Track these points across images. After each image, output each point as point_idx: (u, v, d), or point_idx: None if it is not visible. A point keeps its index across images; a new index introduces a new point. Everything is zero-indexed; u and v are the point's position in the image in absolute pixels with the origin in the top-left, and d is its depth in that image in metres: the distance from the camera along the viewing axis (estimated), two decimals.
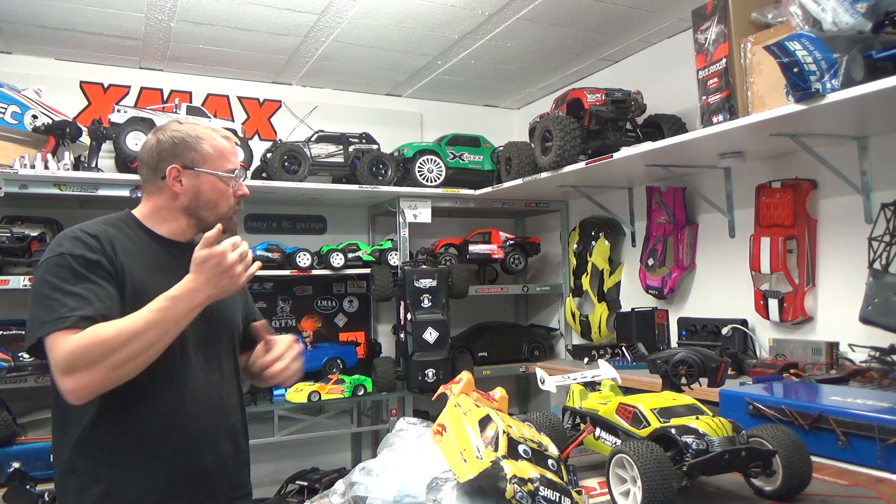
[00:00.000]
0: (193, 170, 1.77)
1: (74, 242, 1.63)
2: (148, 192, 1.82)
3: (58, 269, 1.58)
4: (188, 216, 1.83)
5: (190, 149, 1.78)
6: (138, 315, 1.55)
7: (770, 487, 1.36)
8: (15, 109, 3.32)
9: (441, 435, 1.31)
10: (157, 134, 1.80)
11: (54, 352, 1.50)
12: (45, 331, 1.51)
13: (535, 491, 1.09)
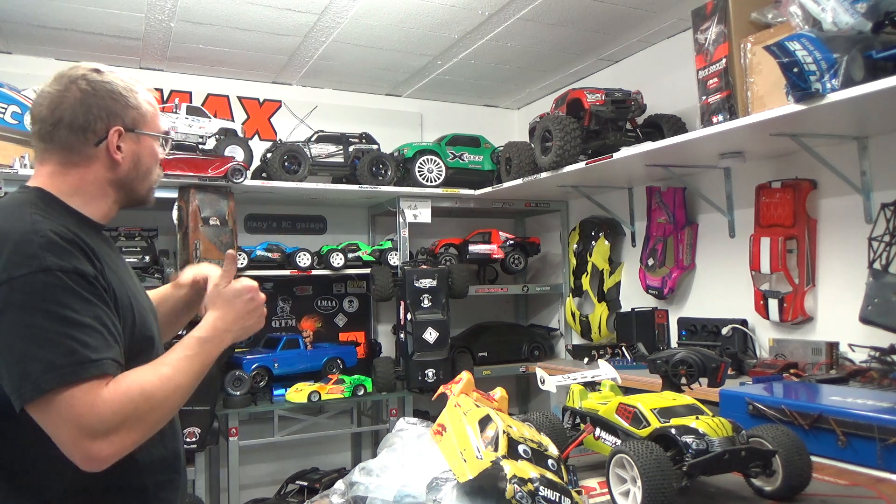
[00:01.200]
0: (135, 132, 1.41)
1: (55, 249, 1.19)
2: (66, 161, 1.35)
3: (55, 289, 1.16)
4: (118, 191, 1.43)
5: (129, 105, 1.41)
6: (169, 360, 1.28)
7: (770, 487, 1.36)
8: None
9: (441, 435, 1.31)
10: (78, 83, 1.37)
11: (79, 408, 1.12)
12: (64, 380, 1.12)
13: (535, 491, 1.09)
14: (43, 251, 1.17)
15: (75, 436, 1.13)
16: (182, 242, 3.48)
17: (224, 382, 3.53)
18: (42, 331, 1.13)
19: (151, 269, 3.47)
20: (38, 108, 1.35)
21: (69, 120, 1.33)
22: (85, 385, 1.13)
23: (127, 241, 3.52)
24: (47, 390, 1.11)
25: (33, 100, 1.38)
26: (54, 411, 1.12)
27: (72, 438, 1.13)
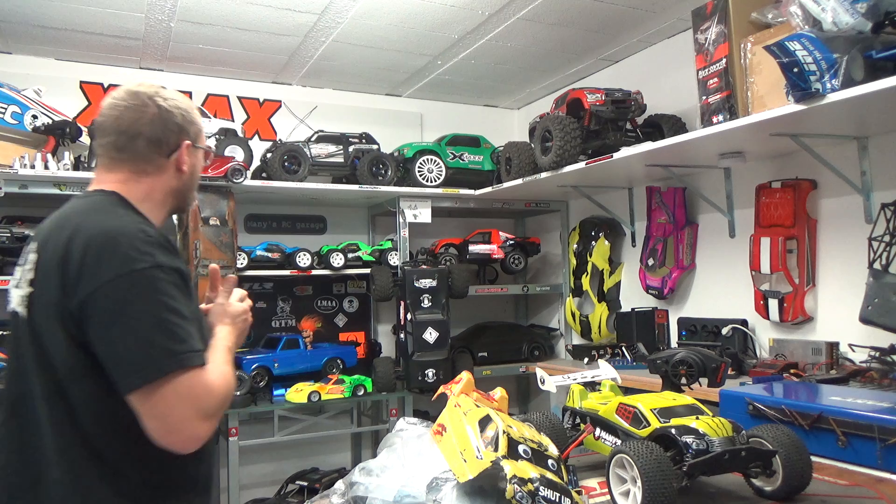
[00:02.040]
0: (195, 146, 1.54)
1: (160, 250, 1.31)
2: (139, 170, 1.46)
3: (166, 284, 1.28)
4: (174, 199, 1.54)
5: (191, 122, 1.53)
6: (222, 360, 1.42)
7: (770, 487, 1.36)
8: (15, 109, 3.32)
9: (441, 435, 1.31)
10: (154, 99, 1.47)
11: (197, 390, 1.26)
12: (183, 363, 1.25)
13: (535, 491, 1.09)
14: (154, 248, 1.30)
15: (190, 416, 1.25)
16: (182, 242, 3.48)
17: None
18: (160, 321, 1.25)
19: None
20: (116, 122, 1.46)
21: (148, 134, 1.46)
22: (197, 371, 1.27)
23: None
24: (168, 372, 1.23)
25: (105, 113, 1.49)
26: (172, 393, 1.23)
27: (185, 418, 1.25)
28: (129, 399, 1.25)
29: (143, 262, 1.27)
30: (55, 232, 1.35)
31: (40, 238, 1.38)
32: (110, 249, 1.27)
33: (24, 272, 1.38)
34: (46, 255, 1.33)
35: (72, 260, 1.27)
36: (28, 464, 1.32)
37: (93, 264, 1.26)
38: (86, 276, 1.26)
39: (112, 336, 1.24)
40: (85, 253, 1.27)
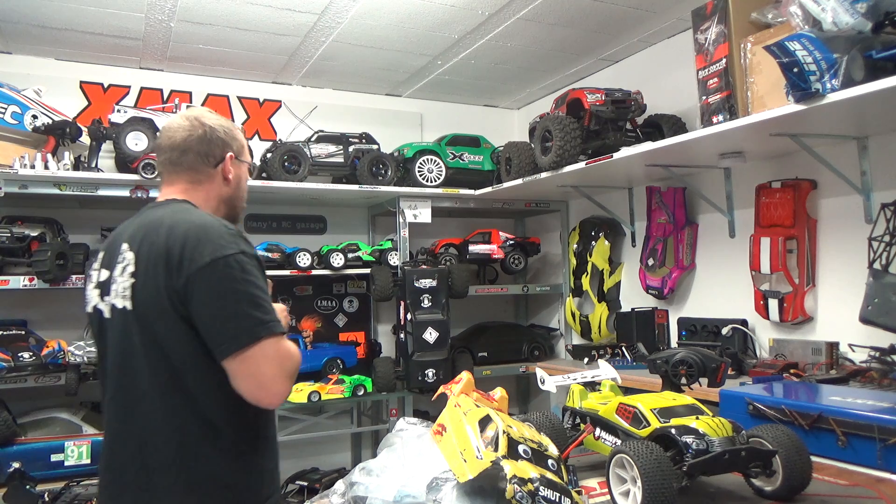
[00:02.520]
0: (238, 159, 1.80)
1: (242, 240, 1.57)
2: (195, 182, 1.74)
3: (252, 268, 1.53)
4: (226, 206, 1.80)
5: (234, 138, 1.80)
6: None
7: (770, 487, 1.36)
8: (15, 109, 3.32)
9: (441, 435, 1.31)
10: (204, 119, 1.75)
11: (279, 353, 1.50)
12: (271, 330, 1.49)
13: (535, 491, 1.09)
14: (237, 239, 1.56)
15: (276, 374, 1.48)
16: None
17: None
18: (249, 295, 1.50)
19: None
20: (170, 141, 1.73)
21: (196, 148, 1.73)
22: (279, 338, 1.51)
23: None
24: (260, 338, 1.47)
25: (162, 135, 1.76)
26: (262, 355, 1.47)
27: (273, 377, 1.48)
28: (225, 363, 1.47)
29: (231, 248, 1.52)
30: (149, 232, 1.59)
31: (128, 238, 1.62)
32: (205, 239, 1.53)
33: (122, 268, 1.59)
34: (145, 249, 1.56)
35: (174, 249, 1.52)
36: (133, 432, 1.54)
37: (192, 250, 1.51)
38: (187, 260, 1.50)
39: (212, 309, 1.49)
40: (185, 242, 1.52)
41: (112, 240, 1.70)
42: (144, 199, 3.45)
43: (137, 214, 1.71)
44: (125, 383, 1.57)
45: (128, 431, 1.56)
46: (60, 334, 3.44)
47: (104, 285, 1.64)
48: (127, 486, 1.54)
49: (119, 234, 1.69)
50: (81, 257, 3.42)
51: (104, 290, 1.63)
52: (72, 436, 3.25)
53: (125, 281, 1.57)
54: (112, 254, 1.64)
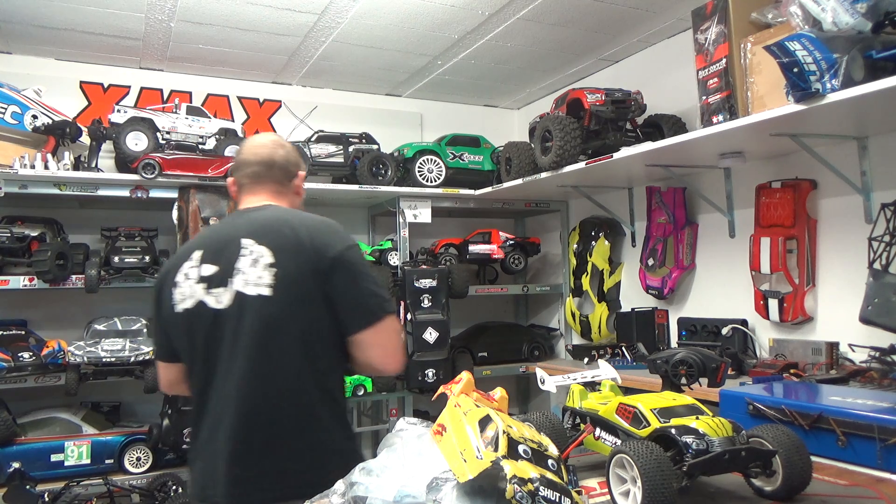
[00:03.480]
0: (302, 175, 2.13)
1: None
2: (279, 192, 2.02)
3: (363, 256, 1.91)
4: None
5: (301, 160, 2.15)
6: None
7: (770, 487, 1.36)
8: (15, 109, 3.32)
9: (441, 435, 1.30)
10: (282, 142, 2.08)
11: (397, 327, 1.91)
12: (392, 307, 1.86)
13: (535, 491, 1.09)
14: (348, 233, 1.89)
15: (398, 345, 1.88)
16: (182, 242, 3.48)
17: None
18: (374, 279, 1.85)
19: (151, 269, 3.47)
20: (256, 157, 2.00)
21: (282, 165, 2.02)
22: (395, 316, 1.84)
23: (127, 241, 3.51)
24: (389, 313, 1.82)
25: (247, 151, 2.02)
26: (389, 328, 1.83)
27: (396, 347, 1.87)
28: (360, 334, 1.79)
29: (351, 240, 1.86)
30: (272, 229, 1.83)
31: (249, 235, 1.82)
32: (332, 231, 1.86)
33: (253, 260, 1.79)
34: (279, 243, 1.80)
35: (313, 239, 1.80)
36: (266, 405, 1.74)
37: (328, 238, 1.82)
38: (327, 246, 1.80)
39: (353, 288, 1.80)
40: (316, 234, 1.82)
41: (216, 238, 1.88)
42: (144, 198, 3.45)
43: (236, 216, 1.95)
44: (260, 361, 1.75)
45: (260, 405, 1.74)
46: (60, 334, 3.45)
47: (212, 279, 1.80)
48: (253, 453, 1.71)
49: (227, 232, 1.88)
50: (81, 257, 3.42)
51: (212, 283, 1.80)
52: (72, 436, 3.26)
53: (260, 271, 1.78)
54: (222, 250, 1.83)
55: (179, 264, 1.88)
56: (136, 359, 3.27)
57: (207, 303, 1.79)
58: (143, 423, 3.48)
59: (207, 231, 2.05)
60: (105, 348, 3.23)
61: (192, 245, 1.93)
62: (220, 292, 1.79)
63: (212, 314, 1.78)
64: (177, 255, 1.95)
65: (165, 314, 1.87)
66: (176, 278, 1.86)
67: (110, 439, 3.32)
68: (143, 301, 3.87)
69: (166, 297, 1.87)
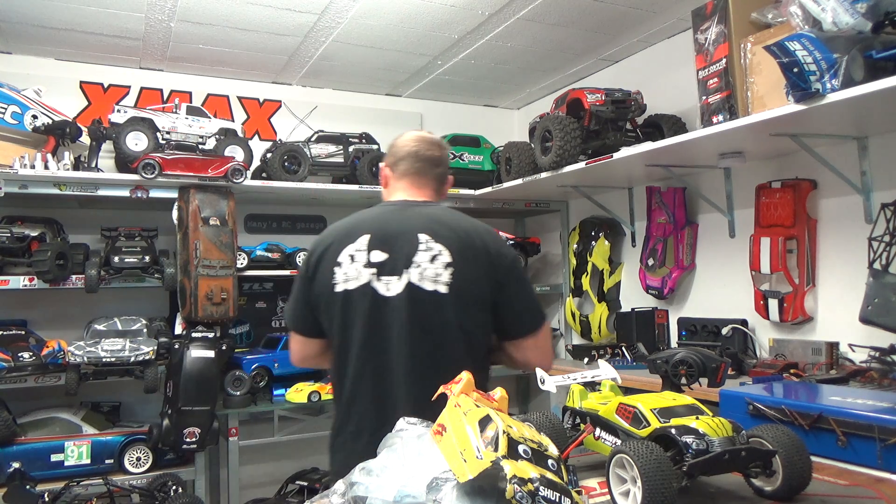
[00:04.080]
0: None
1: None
2: (437, 190, 2.12)
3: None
4: None
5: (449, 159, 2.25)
6: None
7: (770, 487, 1.35)
8: (15, 109, 3.32)
9: (441, 435, 1.30)
10: (443, 144, 2.16)
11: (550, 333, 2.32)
12: (546, 317, 2.08)
13: (535, 491, 1.09)
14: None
15: (551, 347, 2.15)
16: (182, 242, 3.48)
17: (224, 382, 3.53)
18: (533, 288, 2.07)
19: (151, 269, 3.47)
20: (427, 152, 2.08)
21: (444, 164, 2.14)
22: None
23: (127, 241, 3.51)
24: (546, 319, 2.02)
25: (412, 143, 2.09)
26: (546, 332, 2.06)
27: (550, 349, 2.10)
28: (524, 339, 1.97)
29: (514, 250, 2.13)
30: (447, 228, 1.90)
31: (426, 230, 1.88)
32: (501, 239, 2.00)
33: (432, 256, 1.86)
34: (456, 245, 1.87)
35: (483, 246, 1.90)
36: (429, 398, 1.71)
37: (501, 247, 1.95)
38: (502, 255, 1.93)
39: (521, 297, 1.95)
40: (490, 241, 1.94)
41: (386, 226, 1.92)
42: (144, 198, 3.45)
43: (404, 207, 1.99)
44: (430, 354, 1.85)
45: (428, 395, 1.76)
46: (60, 334, 3.45)
47: (382, 266, 1.86)
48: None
49: (398, 222, 1.93)
50: (81, 257, 3.42)
51: (383, 270, 1.86)
52: (72, 436, 3.26)
53: (438, 268, 1.85)
54: (394, 239, 1.88)
55: (343, 244, 1.92)
56: (136, 359, 3.26)
57: (377, 289, 1.86)
58: (143, 423, 3.47)
59: (370, 216, 2.01)
60: (105, 348, 3.23)
61: (356, 227, 1.96)
62: (390, 280, 1.86)
63: (379, 300, 1.85)
64: (335, 233, 1.99)
65: (319, 290, 1.92)
66: (339, 258, 1.90)
67: (110, 439, 3.32)
68: (143, 301, 3.88)
69: (324, 273, 1.91)
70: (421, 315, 1.85)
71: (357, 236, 1.92)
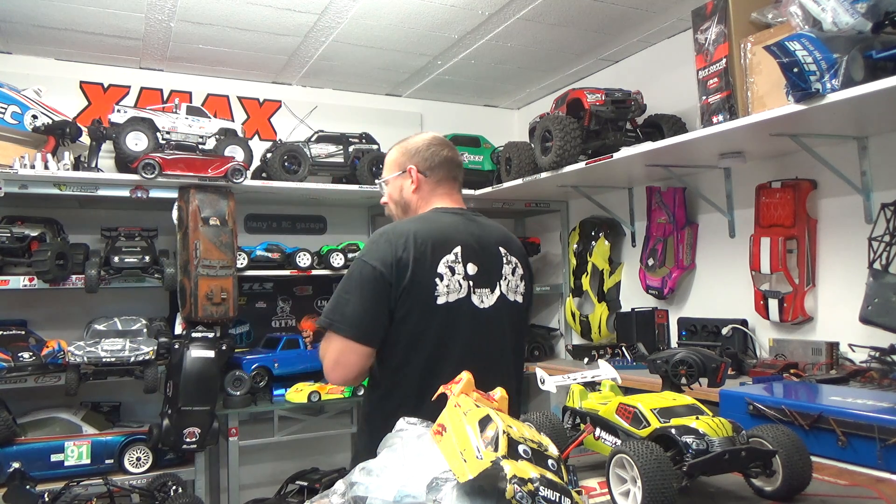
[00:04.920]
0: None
1: None
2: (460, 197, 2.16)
3: None
4: None
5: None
6: None
7: (770, 487, 1.35)
8: (15, 109, 3.32)
9: (441, 435, 1.30)
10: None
11: None
12: None
13: (535, 491, 1.09)
14: None
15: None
16: (182, 242, 3.48)
17: (224, 382, 3.53)
18: None
19: (151, 269, 3.47)
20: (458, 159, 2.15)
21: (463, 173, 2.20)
22: None
23: (127, 241, 3.51)
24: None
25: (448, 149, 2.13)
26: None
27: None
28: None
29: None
30: (510, 241, 2.07)
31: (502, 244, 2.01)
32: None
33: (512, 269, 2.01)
34: (518, 256, 2.04)
35: (524, 256, 2.07)
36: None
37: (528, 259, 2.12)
38: (529, 265, 2.10)
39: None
40: (523, 251, 2.09)
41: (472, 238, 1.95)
42: (144, 198, 3.45)
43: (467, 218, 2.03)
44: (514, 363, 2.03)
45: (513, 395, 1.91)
46: (60, 334, 3.45)
47: (476, 278, 1.91)
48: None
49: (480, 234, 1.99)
50: (81, 257, 3.42)
51: (478, 283, 1.91)
52: (72, 436, 3.25)
53: (517, 280, 2.01)
54: (482, 252, 1.95)
55: (438, 255, 1.87)
56: (136, 359, 3.26)
57: (474, 301, 1.90)
58: (143, 423, 3.47)
59: (450, 225, 1.96)
60: (105, 348, 3.23)
61: (446, 237, 1.91)
62: (485, 293, 1.92)
63: (477, 313, 1.90)
64: (422, 241, 1.87)
65: (413, 300, 1.84)
66: (438, 269, 1.86)
67: (110, 439, 3.32)
68: (143, 301, 3.88)
69: (420, 284, 1.84)
70: (512, 325, 2.00)
71: (451, 247, 1.90)
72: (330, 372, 1.93)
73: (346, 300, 1.89)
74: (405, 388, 1.89)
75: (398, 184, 2.12)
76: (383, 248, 1.86)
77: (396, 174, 2.12)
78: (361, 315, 1.86)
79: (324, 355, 1.96)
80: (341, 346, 1.89)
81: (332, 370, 1.92)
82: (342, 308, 1.91)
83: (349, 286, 1.89)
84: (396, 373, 1.90)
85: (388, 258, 1.84)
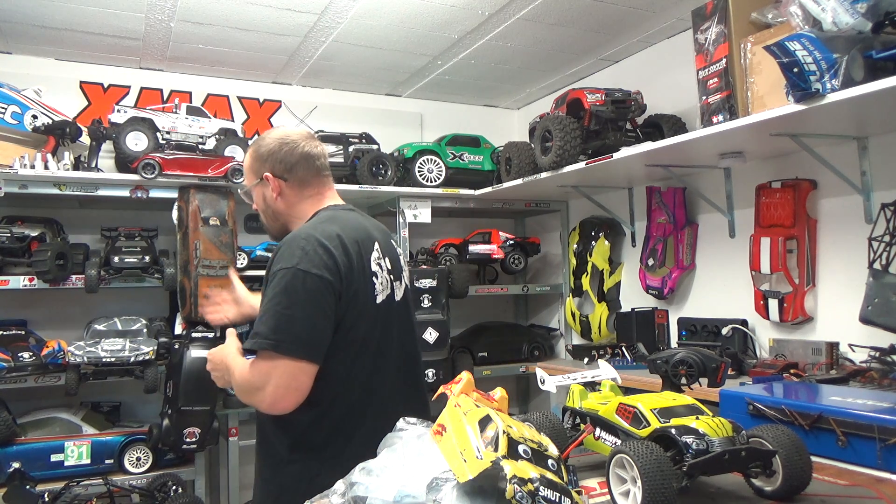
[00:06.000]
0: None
1: None
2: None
3: None
4: None
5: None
6: None
7: (770, 487, 1.36)
8: (15, 109, 3.32)
9: (441, 435, 1.30)
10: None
11: None
12: None
13: (535, 491, 1.09)
14: None
15: None
16: (182, 242, 3.48)
17: None
18: None
19: (151, 269, 3.47)
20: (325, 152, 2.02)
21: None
22: None
23: (127, 241, 3.51)
24: None
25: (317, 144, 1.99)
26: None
27: None
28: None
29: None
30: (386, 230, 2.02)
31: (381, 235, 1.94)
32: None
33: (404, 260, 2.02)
34: (392, 253, 1.94)
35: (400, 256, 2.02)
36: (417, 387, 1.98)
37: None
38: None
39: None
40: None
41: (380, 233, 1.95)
42: (144, 198, 3.45)
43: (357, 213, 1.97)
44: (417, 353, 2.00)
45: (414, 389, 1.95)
46: (60, 334, 3.45)
47: (393, 272, 1.91)
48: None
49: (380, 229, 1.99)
50: (81, 257, 3.42)
51: (394, 276, 1.90)
52: (72, 436, 3.25)
53: (406, 270, 2.00)
54: (389, 245, 1.95)
55: (365, 253, 1.81)
56: (136, 359, 3.26)
57: (396, 297, 1.90)
58: (143, 423, 3.47)
59: (360, 222, 1.91)
60: (105, 348, 3.23)
61: (366, 235, 1.86)
62: (398, 286, 1.93)
63: (397, 307, 1.90)
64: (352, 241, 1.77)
65: (357, 304, 1.74)
66: (372, 268, 1.81)
67: (110, 439, 3.32)
68: (143, 301, 3.88)
69: (361, 286, 1.75)
70: (411, 315, 2.01)
71: (372, 244, 1.86)
72: (279, 400, 1.64)
73: (289, 316, 1.64)
74: (348, 398, 1.75)
75: (259, 192, 1.94)
76: (322, 254, 1.70)
77: (255, 182, 1.94)
78: (310, 331, 1.65)
79: (264, 383, 1.63)
80: (292, 368, 1.63)
81: (283, 398, 1.64)
82: (287, 326, 1.64)
83: (291, 300, 1.65)
84: (340, 384, 1.74)
85: (331, 265, 1.69)
